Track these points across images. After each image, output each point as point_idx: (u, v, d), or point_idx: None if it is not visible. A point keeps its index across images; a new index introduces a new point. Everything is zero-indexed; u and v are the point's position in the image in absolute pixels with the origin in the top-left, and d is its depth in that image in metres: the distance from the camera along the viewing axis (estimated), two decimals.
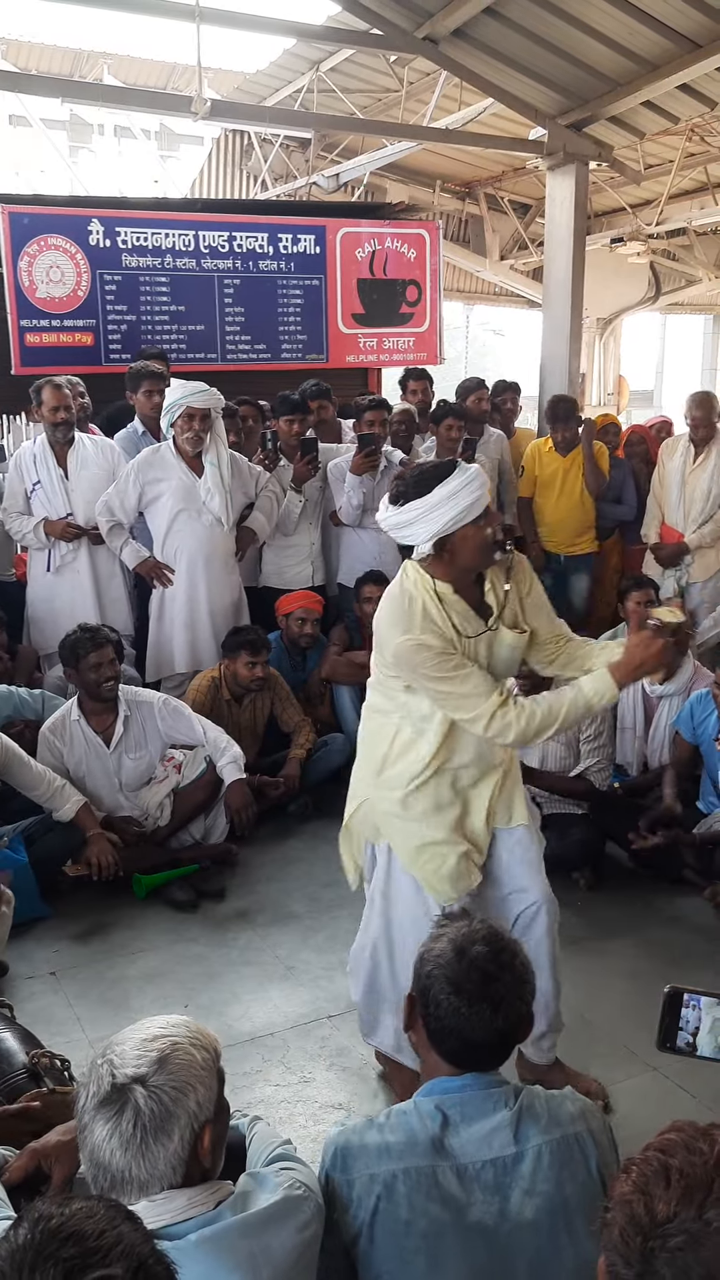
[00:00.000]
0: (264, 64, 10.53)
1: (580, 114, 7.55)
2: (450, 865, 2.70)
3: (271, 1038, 3.29)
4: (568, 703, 2.54)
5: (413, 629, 2.55)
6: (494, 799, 2.77)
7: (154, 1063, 1.46)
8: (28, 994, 3.44)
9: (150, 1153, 1.42)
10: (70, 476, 5.04)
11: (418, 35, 7.12)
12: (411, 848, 2.74)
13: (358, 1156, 1.64)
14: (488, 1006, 1.67)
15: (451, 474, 2.52)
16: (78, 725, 4.30)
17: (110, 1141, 1.42)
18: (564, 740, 4.30)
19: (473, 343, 16.81)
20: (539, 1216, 1.58)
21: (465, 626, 2.60)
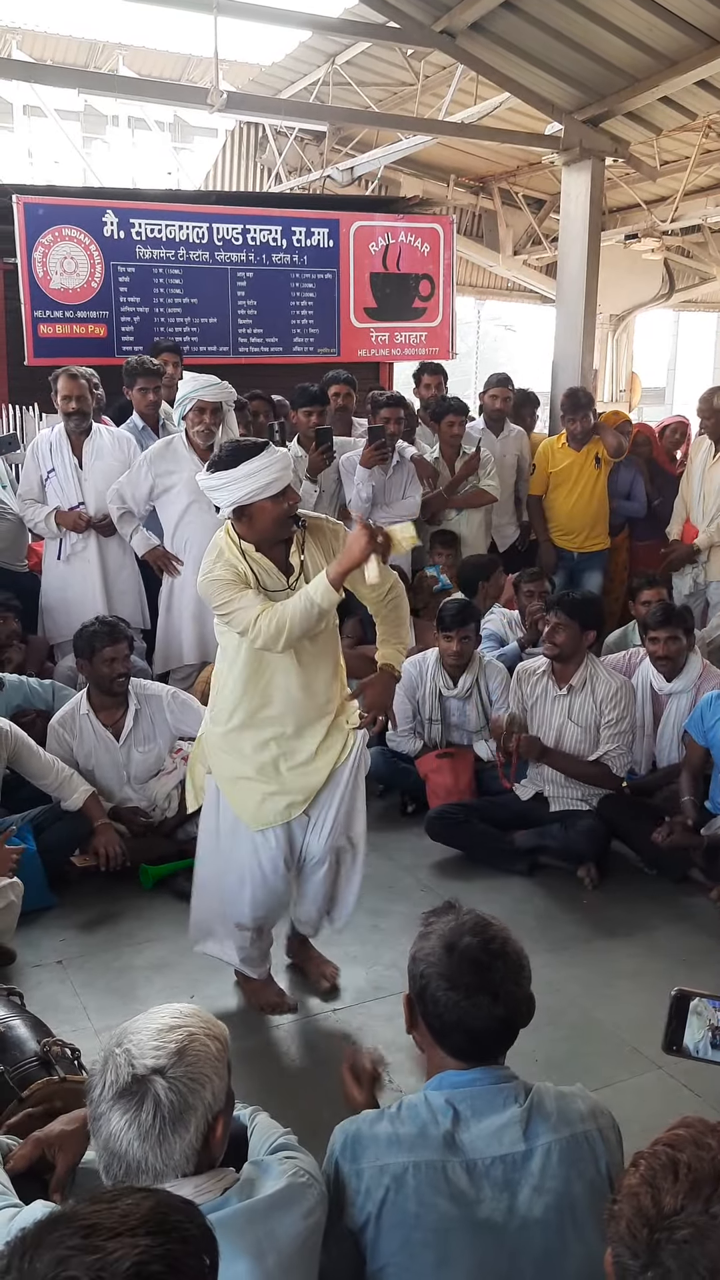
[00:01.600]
0: (279, 56, 10.51)
1: (597, 109, 7.52)
2: (255, 800, 3.14)
3: (278, 1029, 3.30)
4: (293, 603, 2.92)
5: (210, 569, 3.03)
6: (320, 748, 3.15)
7: (173, 1054, 1.47)
8: (35, 982, 3.46)
9: (167, 1143, 1.44)
10: (84, 466, 5.06)
11: (435, 29, 7.10)
12: (226, 778, 3.19)
13: (367, 1146, 1.65)
14: (486, 996, 1.67)
15: (258, 454, 2.89)
16: (87, 719, 4.32)
17: (128, 1131, 1.43)
18: (582, 724, 4.31)
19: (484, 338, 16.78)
20: (547, 1214, 1.59)
21: (266, 580, 3.02)
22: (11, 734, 4.05)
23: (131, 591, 5.26)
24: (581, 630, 4.31)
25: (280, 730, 3.13)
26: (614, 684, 4.33)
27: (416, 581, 5.76)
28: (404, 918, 3.88)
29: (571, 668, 4.35)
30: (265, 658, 3.04)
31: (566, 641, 4.29)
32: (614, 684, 4.33)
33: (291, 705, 3.11)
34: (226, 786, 3.20)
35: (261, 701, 3.10)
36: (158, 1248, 1.03)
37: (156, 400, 5.49)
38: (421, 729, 4.87)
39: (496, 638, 5.36)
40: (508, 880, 4.23)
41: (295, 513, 3.02)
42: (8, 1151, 1.78)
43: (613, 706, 4.30)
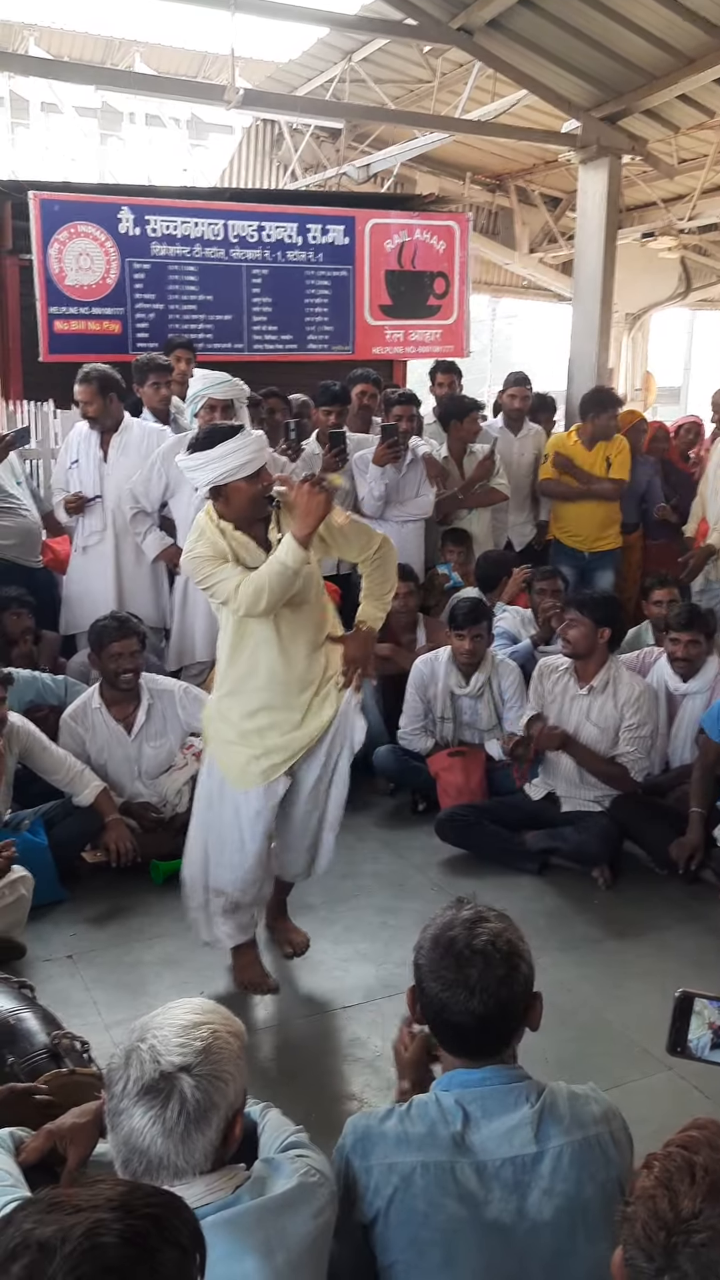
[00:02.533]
0: (296, 53, 10.50)
1: (614, 107, 7.50)
2: (241, 762, 3.30)
3: (287, 1026, 3.30)
4: (266, 567, 3.08)
5: (192, 548, 3.22)
6: (307, 714, 3.29)
7: (199, 1052, 1.48)
8: (45, 976, 3.46)
9: (190, 1141, 1.44)
10: (109, 460, 5.07)
11: (452, 26, 7.09)
12: (217, 743, 3.37)
13: (376, 1143, 1.65)
14: (462, 991, 1.65)
15: (233, 436, 3.06)
16: (99, 713, 4.34)
17: (152, 1128, 1.43)
18: (601, 726, 4.29)
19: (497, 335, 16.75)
20: (558, 1217, 1.58)
21: (245, 556, 3.16)
22: (23, 729, 4.06)
23: (149, 587, 5.25)
24: (596, 627, 4.29)
25: (267, 699, 3.27)
26: (637, 688, 4.31)
27: (428, 580, 5.76)
28: (414, 915, 3.87)
29: (593, 667, 4.33)
30: (247, 629, 3.22)
31: (580, 639, 4.28)
32: (637, 688, 4.31)
33: (274, 674, 3.26)
34: (217, 750, 3.37)
35: (247, 670, 3.27)
36: (116, 1222, 1.05)
37: (168, 395, 5.49)
38: (433, 727, 4.87)
39: (509, 636, 5.34)
40: (519, 879, 4.22)
41: (270, 492, 3.16)
42: (20, 1143, 1.78)
43: (634, 710, 4.28)
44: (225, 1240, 1.43)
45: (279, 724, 3.29)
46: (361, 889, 4.14)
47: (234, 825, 3.34)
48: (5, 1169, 1.67)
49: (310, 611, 3.29)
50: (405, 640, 5.34)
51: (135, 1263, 1.04)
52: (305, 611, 3.27)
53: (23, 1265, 1.02)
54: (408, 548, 5.60)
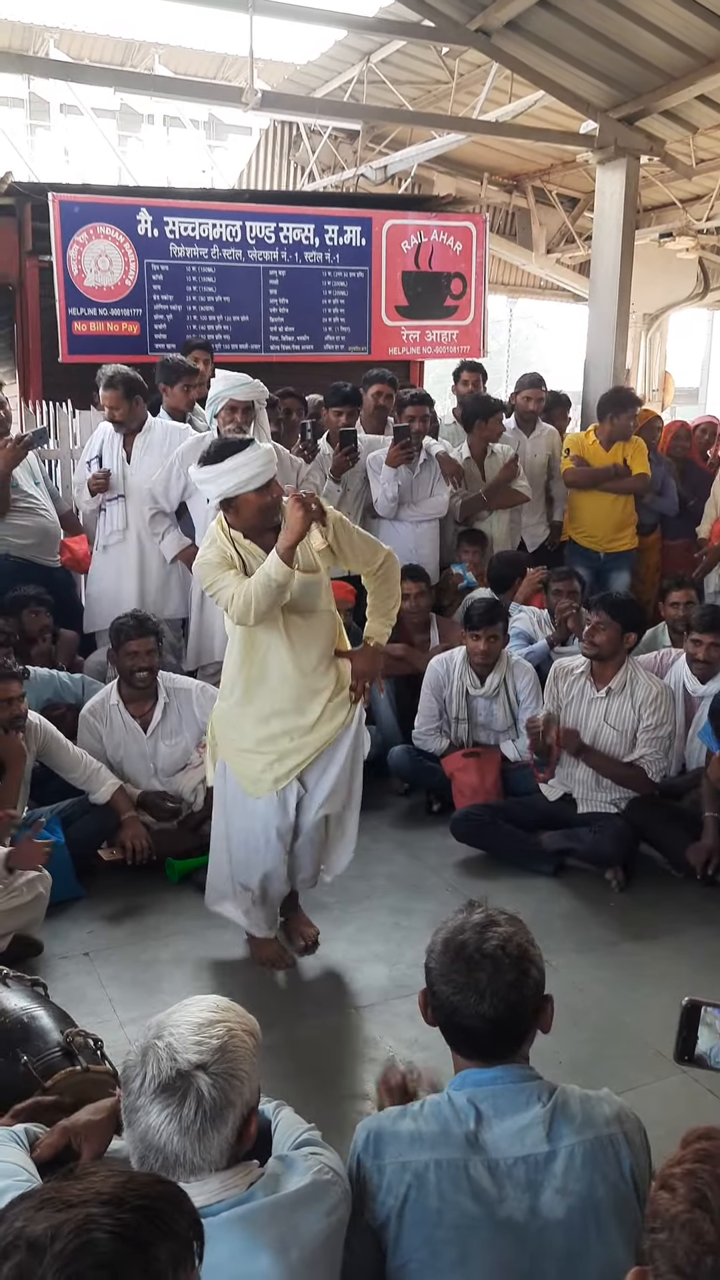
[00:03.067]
0: (314, 55, 10.51)
1: (632, 107, 7.48)
2: (255, 769, 3.38)
3: (301, 1025, 3.31)
4: (254, 579, 3.15)
5: (203, 555, 3.34)
6: (319, 721, 3.35)
7: (215, 1050, 1.48)
8: (61, 973, 3.49)
9: (207, 1139, 1.45)
10: (132, 460, 5.10)
11: (470, 27, 7.09)
12: (231, 750, 3.45)
13: (390, 1142, 1.65)
14: (472, 994, 1.66)
15: (242, 450, 3.13)
16: (116, 710, 4.38)
17: (168, 1126, 1.44)
18: (619, 728, 4.28)
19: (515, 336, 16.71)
20: (570, 1216, 1.58)
21: (254, 565, 3.22)
22: (41, 727, 4.09)
23: (172, 585, 5.27)
24: (623, 631, 4.29)
25: (278, 704, 3.34)
26: (654, 689, 4.30)
27: (442, 580, 5.76)
28: (428, 916, 3.87)
29: (611, 669, 4.32)
30: (257, 636, 3.29)
31: (607, 642, 4.26)
32: (654, 689, 4.30)
33: (285, 681, 3.32)
34: (231, 757, 3.45)
35: (258, 677, 3.34)
36: (106, 1217, 1.03)
37: (195, 398, 5.52)
38: (448, 728, 4.87)
39: (525, 636, 5.34)
40: (534, 880, 4.22)
41: (279, 504, 3.22)
42: (35, 1139, 1.79)
43: (652, 711, 4.26)
44: (240, 1237, 1.44)
45: (290, 730, 3.35)
46: (375, 889, 4.15)
47: (252, 830, 3.45)
48: (20, 1164, 1.68)
49: (319, 621, 3.36)
50: (419, 640, 5.34)
51: (128, 1258, 1.02)
52: (315, 620, 3.34)
53: (13, 1264, 1.01)
54: (422, 548, 5.61)
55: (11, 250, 6.70)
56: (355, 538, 3.40)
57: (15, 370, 6.95)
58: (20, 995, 2.63)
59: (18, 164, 11.02)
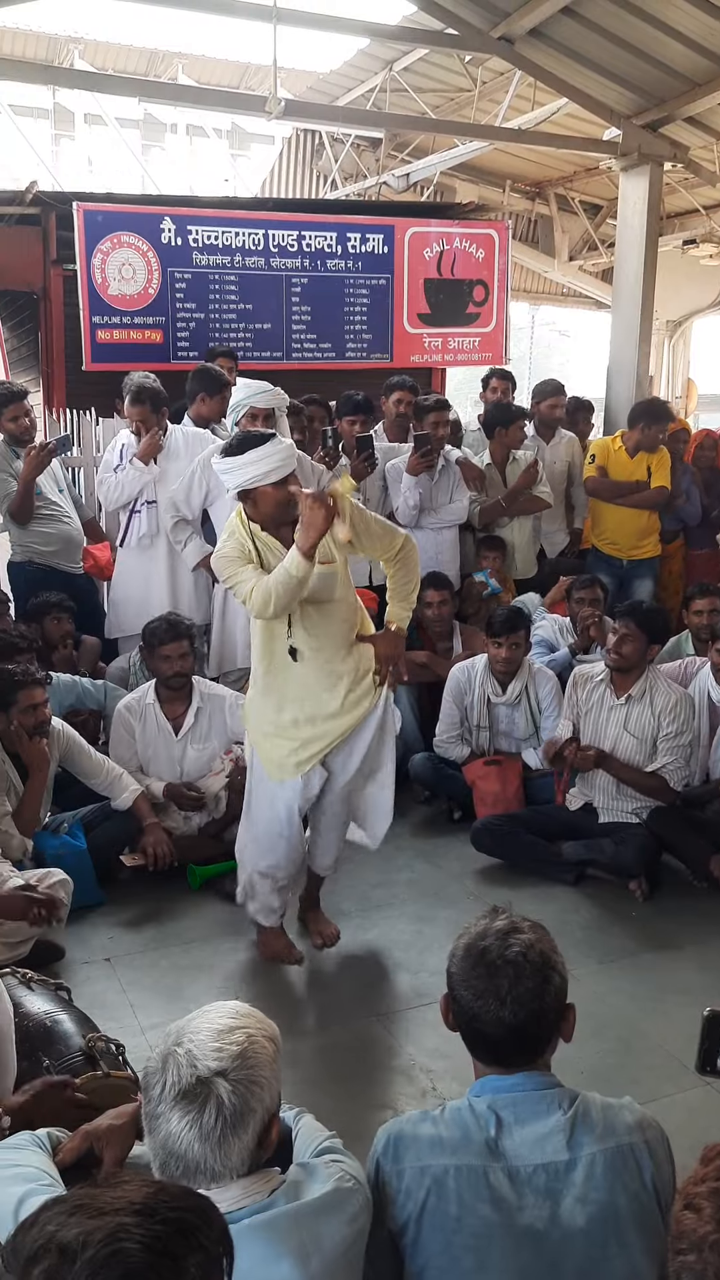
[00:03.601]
0: (337, 63, 10.54)
1: (656, 114, 7.47)
2: (278, 754, 3.47)
3: (322, 1034, 3.31)
4: (274, 574, 3.22)
5: (221, 548, 3.44)
6: (343, 706, 3.43)
7: (235, 1057, 1.48)
8: (83, 978, 3.50)
9: (227, 1145, 1.45)
10: (158, 465, 5.13)
11: (493, 35, 7.09)
12: (256, 735, 3.56)
13: (409, 1147, 1.65)
14: (492, 1000, 1.65)
15: (263, 444, 3.24)
16: (151, 709, 4.45)
17: (189, 1133, 1.44)
18: (639, 735, 4.26)
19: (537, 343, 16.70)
20: (591, 1225, 1.57)
21: (271, 558, 3.31)
22: (64, 733, 4.11)
23: (202, 591, 5.29)
24: (649, 643, 4.27)
25: (296, 693, 3.43)
26: (674, 696, 4.28)
27: (465, 588, 5.75)
28: (449, 924, 3.87)
29: (632, 678, 4.30)
30: (275, 627, 3.39)
31: (633, 653, 4.24)
32: (674, 696, 4.28)
33: (303, 668, 3.41)
34: (257, 743, 3.56)
35: (278, 665, 3.44)
36: (138, 1227, 1.03)
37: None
38: (469, 735, 4.86)
39: (547, 644, 5.32)
40: (555, 889, 4.20)
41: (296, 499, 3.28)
42: (57, 1144, 1.80)
43: (672, 719, 4.24)
44: (261, 1244, 1.44)
45: (311, 716, 3.44)
46: (396, 897, 4.15)
47: (273, 813, 3.54)
48: (43, 1168, 1.69)
49: (336, 609, 3.43)
50: (441, 648, 5.34)
51: (157, 1269, 1.02)
52: (330, 610, 3.41)
53: (43, 1269, 1.01)
54: (443, 555, 5.60)
55: (36, 259, 6.75)
56: (373, 525, 3.47)
57: (39, 378, 6.99)
58: (43, 999, 2.65)
59: (42, 174, 11.11)
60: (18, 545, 5.26)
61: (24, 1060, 2.43)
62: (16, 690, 3.80)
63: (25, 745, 3.86)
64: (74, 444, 5.79)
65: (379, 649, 3.52)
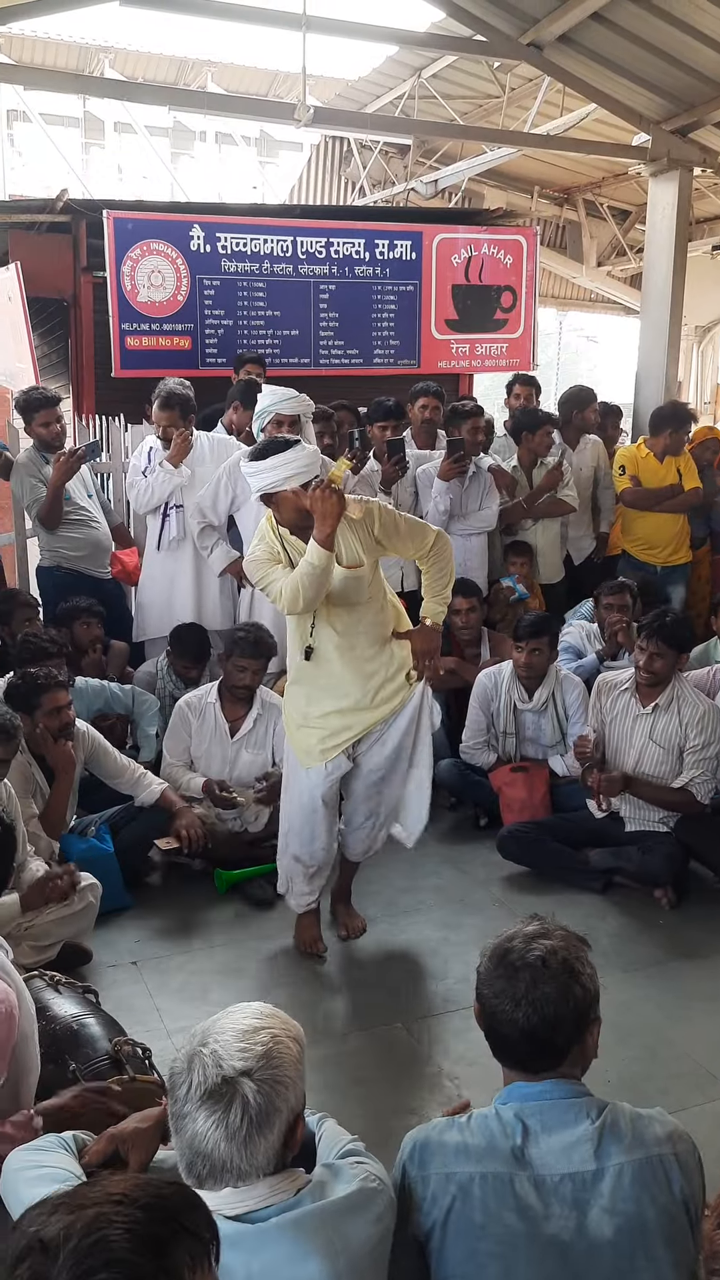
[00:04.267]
0: (366, 70, 10.60)
1: (685, 119, 7.45)
2: (307, 743, 3.61)
3: (347, 1039, 3.30)
4: (298, 569, 3.34)
5: (252, 551, 3.58)
6: (375, 699, 3.55)
7: (260, 1056, 1.49)
8: (110, 981, 3.51)
9: (253, 1144, 1.46)
10: (187, 469, 5.15)
11: (522, 41, 7.10)
12: (291, 725, 3.70)
13: (435, 1153, 1.65)
14: (508, 1002, 1.66)
15: (285, 450, 3.31)
16: (212, 708, 4.51)
17: (215, 1132, 1.45)
18: (665, 745, 4.24)
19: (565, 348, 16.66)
20: (618, 1236, 1.56)
21: (298, 560, 3.38)
22: (89, 736, 4.13)
23: (228, 596, 5.32)
24: (678, 656, 4.26)
25: (326, 686, 3.54)
26: (701, 707, 4.24)
27: (492, 593, 5.74)
28: (475, 931, 3.86)
29: (659, 688, 4.28)
30: (304, 625, 3.51)
31: (664, 669, 4.22)
32: (701, 707, 4.24)
33: (331, 664, 3.52)
34: (291, 732, 3.70)
35: (310, 661, 3.54)
36: (119, 1215, 1.03)
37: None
38: (495, 742, 4.84)
39: (574, 650, 5.30)
40: (581, 896, 4.18)
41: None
42: (83, 1146, 1.81)
43: (699, 731, 4.20)
44: (289, 1242, 1.45)
45: (341, 709, 3.56)
46: (423, 904, 4.14)
47: (304, 800, 3.67)
48: (70, 1169, 1.70)
49: (366, 611, 3.52)
50: (469, 654, 5.33)
51: (141, 1254, 1.02)
52: (360, 611, 3.50)
53: (27, 1266, 1.01)
54: (471, 561, 5.59)
55: (66, 266, 6.82)
56: (401, 524, 3.51)
57: (69, 384, 7.05)
58: (71, 1002, 2.66)
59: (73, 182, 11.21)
60: (46, 550, 5.31)
61: (50, 1064, 2.44)
62: (40, 693, 3.82)
63: (51, 748, 3.88)
64: (103, 450, 5.83)
65: (414, 644, 3.62)
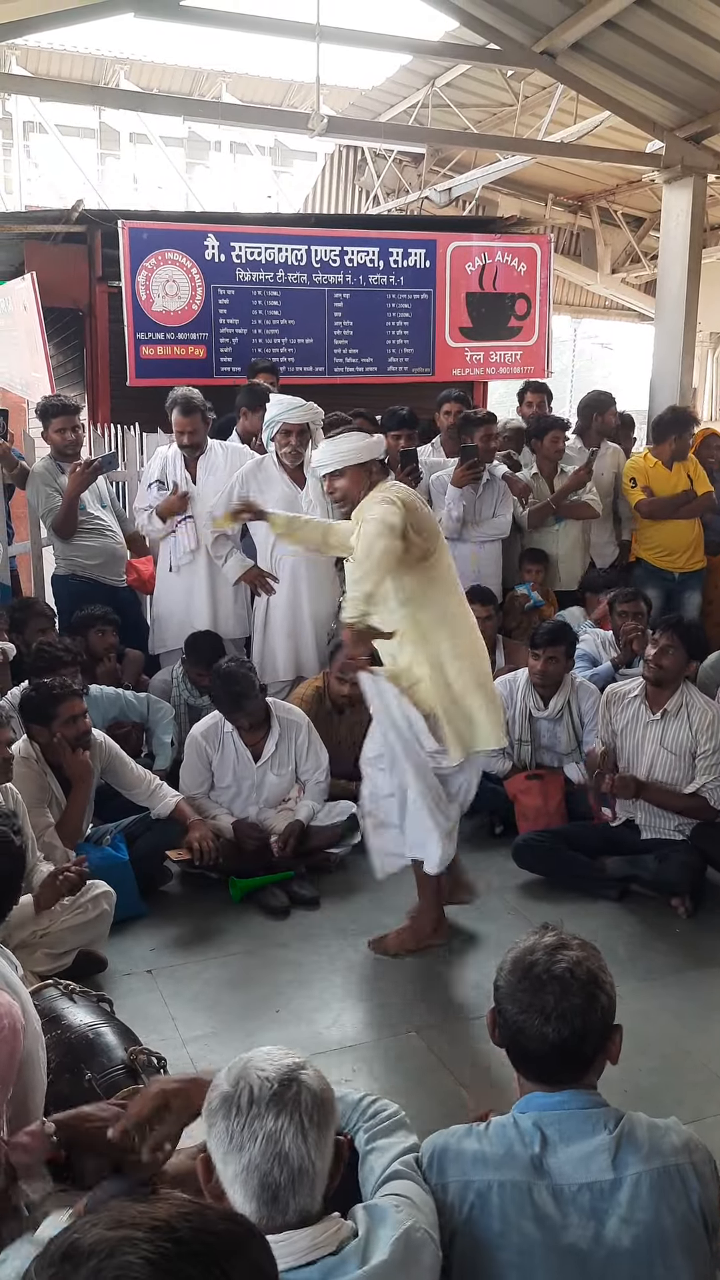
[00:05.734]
0: (379, 80, 10.63)
1: (699, 126, 7.44)
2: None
3: (360, 1047, 3.30)
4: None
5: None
6: None
7: (300, 1057, 1.51)
8: (125, 990, 3.52)
9: (322, 1141, 1.44)
10: (198, 482, 5.17)
11: (535, 49, 7.10)
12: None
13: (454, 1161, 1.64)
14: (537, 1016, 1.65)
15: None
16: (230, 736, 4.41)
17: (290, 1126, 1.42)
18: (676, 751, 4.22)
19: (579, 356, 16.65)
20: (636, 1246, 1.55)
21: None
22: (105, 745, 4.14)
23: (242, 606, 5.33)
24: (688, 659, 4.24)
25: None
26: (711, 713, 4.22)
27: (507, 602, 5.73)
28: (490, 939, 3.85)
29: (667, 693, 4.26)
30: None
31: (674, 665, 4.20)
32: (711, 713, 4.22)
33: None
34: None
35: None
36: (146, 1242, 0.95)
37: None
38: (511, 749, 4.83)
39: (589, 658, 5.29)
40: (597, 905, 4.16)
41: None
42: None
43: (709, 737, 4.19)
44: None
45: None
46: None
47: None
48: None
49: None
50: None
51: None
52: None
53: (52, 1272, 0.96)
54: (485, 568, 5.59)
55: (82, 276, 6.85)
56: None
57: (85, 394, 7.08)
58: (86, 1011, 2.66)
59: (88, 192, 11.29)
60: (61, 559, 5.33)
61: (66, 1073, 2.44)
62: (57, 703, 3.84)
63: (68, 757, 3.89)
64: (121, 461, 5.85)
65: None
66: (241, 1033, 3.31)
